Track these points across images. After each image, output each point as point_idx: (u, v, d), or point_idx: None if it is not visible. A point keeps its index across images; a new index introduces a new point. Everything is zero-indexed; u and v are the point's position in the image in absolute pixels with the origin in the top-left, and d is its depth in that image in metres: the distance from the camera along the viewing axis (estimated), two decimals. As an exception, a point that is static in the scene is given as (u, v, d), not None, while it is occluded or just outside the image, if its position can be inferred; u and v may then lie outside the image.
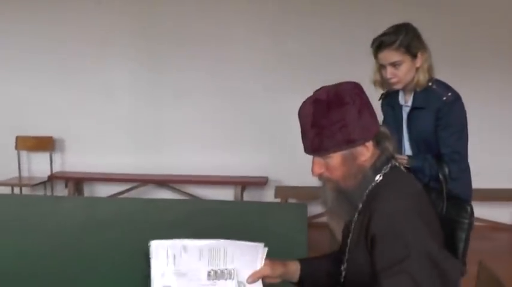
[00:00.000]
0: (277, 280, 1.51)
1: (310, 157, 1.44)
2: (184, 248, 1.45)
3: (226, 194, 5.28)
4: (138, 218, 2.58)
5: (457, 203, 2.17)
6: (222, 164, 5.36)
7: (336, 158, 1.35)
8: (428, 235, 1.29)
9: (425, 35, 2.38)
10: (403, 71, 2.31)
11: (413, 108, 2.41)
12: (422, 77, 2.33)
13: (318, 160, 1.38)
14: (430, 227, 1.32)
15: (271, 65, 5.31)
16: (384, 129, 1.45)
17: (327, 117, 1.32)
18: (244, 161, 5.36)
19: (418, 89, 2.37)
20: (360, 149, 1.35)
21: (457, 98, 2.33)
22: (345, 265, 1.43)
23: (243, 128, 5.40)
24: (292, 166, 4.73)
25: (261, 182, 5.26)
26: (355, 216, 1.40)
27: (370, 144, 1.36)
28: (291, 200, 4.97)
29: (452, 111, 2.31)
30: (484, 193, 4.75)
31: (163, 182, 5.53)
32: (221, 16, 5.34)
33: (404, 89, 2.44)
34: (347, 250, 1.43)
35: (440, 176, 2.23)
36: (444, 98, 2.31)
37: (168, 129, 5.56)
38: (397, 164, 1.44)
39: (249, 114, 5.38)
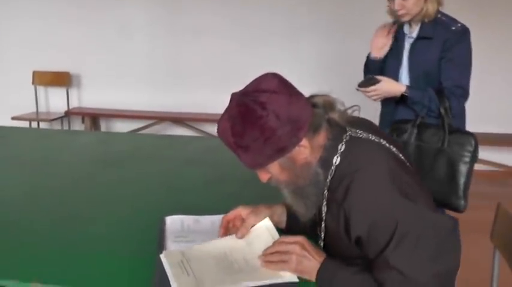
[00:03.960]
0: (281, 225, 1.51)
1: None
2: (197, 220, 1.60)
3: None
4: (154, 154, 2.58)
5: (460, 135, 2.09)
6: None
7: (273, 167, 1.27)
8: (410, 202, 1.23)
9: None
10: (411, 2, 2.25)
11: (418, 39, 2.35)
12: (431, 7, 2.27)
13: (259, 170, 1.31)
14: (410, 190, 1.25)
15: (293, 4, 5.17)
16: (322, 99, 1.31)
17: (246, 136, 1.21)
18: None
19: (426, 20, 2.31)
20: (295, 151, 1.25)
21: (466, 30, 2.28)
22: (323, 232, 1.37)
23: (261, 67, 5.30)
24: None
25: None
26: (323, 206, 1.33)
27: (305, 141, 1.25)
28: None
29: (460, 43, 2.26)
30: (502, 138, 4.76)
31: (179, 119, 5.53)
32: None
33: (411, 20, 2.37)
34: (323, 223, 1.36)
35: (441, 110, 2.16)
36: (453, 28, 2.25)
37: (185, 66, 5.49)
38: (351, 133, 1.32)
39: (268, 53, 5.28)
